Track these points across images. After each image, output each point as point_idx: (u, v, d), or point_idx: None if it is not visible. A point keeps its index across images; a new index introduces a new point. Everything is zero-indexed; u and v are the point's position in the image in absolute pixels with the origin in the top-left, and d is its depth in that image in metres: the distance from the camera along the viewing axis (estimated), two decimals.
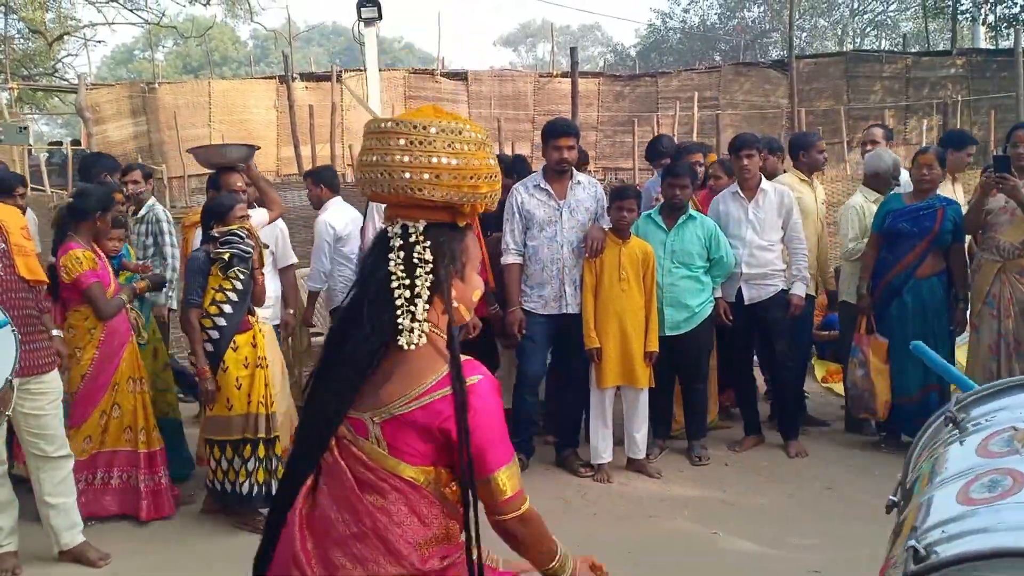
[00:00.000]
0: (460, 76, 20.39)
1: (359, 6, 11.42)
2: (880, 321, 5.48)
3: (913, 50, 24.13)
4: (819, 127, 15.22)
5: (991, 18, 22.60)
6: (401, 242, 1.87)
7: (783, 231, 5.53)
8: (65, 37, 23.62)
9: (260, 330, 4.64)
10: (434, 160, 1.81)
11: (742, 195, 5.53)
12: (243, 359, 4.47)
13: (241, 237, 4.47)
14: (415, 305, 1.85)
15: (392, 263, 1.86)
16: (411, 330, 1.84)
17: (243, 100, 18.74)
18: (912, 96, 19.05)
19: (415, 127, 1.81)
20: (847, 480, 5.09)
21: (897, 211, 5.41)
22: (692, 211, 5.36)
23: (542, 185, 5.18)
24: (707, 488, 5.03)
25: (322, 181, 5.98)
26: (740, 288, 5.51)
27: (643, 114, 18.37)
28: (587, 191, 5.25)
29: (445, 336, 1.90)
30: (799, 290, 5.54)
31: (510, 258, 5.22)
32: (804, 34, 35.21)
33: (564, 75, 19.11)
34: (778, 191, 5.56)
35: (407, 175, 1.81)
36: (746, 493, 4.97)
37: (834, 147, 15.41)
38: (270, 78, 19.72)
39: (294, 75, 17.44)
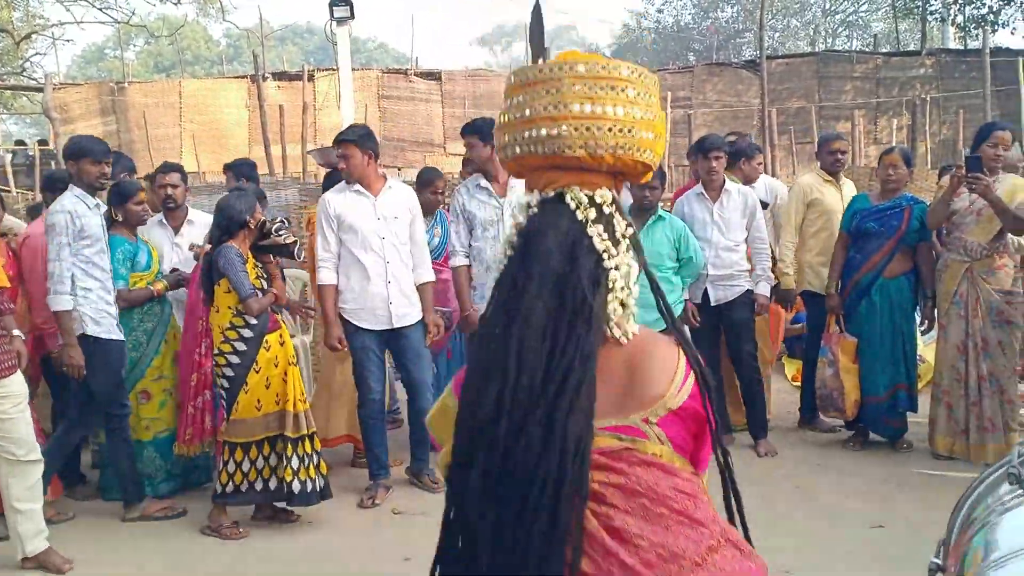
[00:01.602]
0: (434, 76, 20.34)
1: (331, 5, 11.34)
2: (849, 320, 5.51)
3: (884, 50, 24.38)
4: (790, 127, 15.34)
5: (960, 19, 22.86)
6: (595, 214, 1.49)
7: (747, 231, 5.54)
8: (33, 36, 23.28)
9: (287, 328, 4.68)
10: (653, 116, 1.49)
11: (706, 196, 5.52)
12: (274, 358, 4.44)
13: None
14: (624, 287, 1.51)
15: (597, 239, 1.48)
16: (626, 317, 1.52)
17: (214, 99, 18.58)
18: (882, 95, 19.23)
19: (638, 74, 1.47)
20: (817, 480, 5.10)
21: (864, 211, 5.44)
22: (661, 212, 5.35)
23: (482, 184, 5.12)
24: None
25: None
26: (706, 289, 5.51)
27: None
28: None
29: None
30: (763, 290, 5.55)
31: (458, 260, 5.15)
32: (776, 34, 35.48)
33: None
34: (742, 192, 5.57)
35: (641, 133, 1.47)
36: (715, 493, 4.95)
37: (804, 147, 15.54)
38: (241, 77, 19.57)
39: (265, 74, 17.31)
